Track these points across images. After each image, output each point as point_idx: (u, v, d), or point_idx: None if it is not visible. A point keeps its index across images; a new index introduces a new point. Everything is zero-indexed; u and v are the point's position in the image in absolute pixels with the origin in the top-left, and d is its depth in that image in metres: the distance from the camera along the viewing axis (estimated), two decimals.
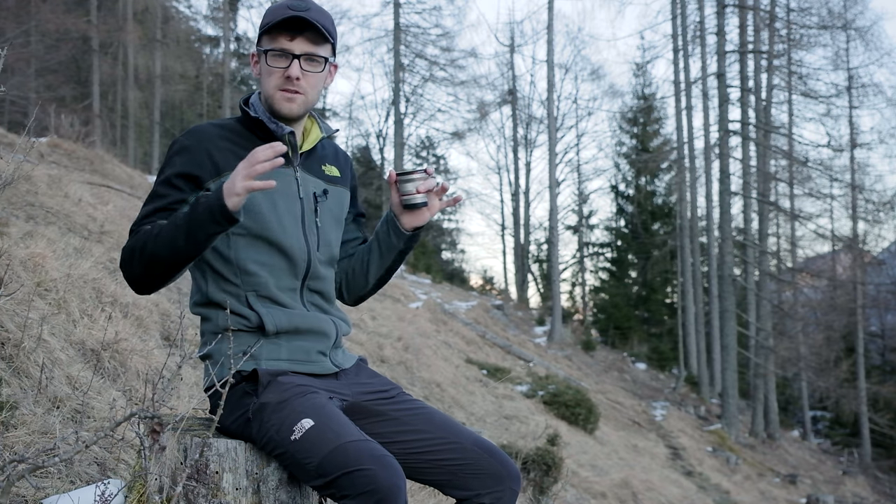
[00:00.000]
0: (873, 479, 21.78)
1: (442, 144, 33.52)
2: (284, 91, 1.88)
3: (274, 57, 1.87)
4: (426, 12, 26.00)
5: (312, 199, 1.97)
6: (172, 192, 1.84)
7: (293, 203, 1.93)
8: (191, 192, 1.85)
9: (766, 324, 20.94)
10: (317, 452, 1.66)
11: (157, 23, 24.15)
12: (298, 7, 1.85)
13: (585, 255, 33.48)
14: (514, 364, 13.20)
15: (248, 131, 1.94)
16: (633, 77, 31.90)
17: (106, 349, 3.25)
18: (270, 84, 1.88)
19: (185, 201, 1.85)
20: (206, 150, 1.87)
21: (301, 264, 1.92)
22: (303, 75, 1.87)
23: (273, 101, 1.90)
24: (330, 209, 2.01)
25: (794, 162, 22.20)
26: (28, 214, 5.50)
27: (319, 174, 2.02)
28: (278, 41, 1.86)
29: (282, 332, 1.87)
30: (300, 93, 1.88)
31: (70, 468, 2.21)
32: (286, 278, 1.91)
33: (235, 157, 1.85)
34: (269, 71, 1.88)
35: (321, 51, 1.89)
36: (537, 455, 5.32)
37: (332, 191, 2.03)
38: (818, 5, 22.95)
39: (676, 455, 13.31)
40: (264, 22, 1.88)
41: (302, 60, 1.87)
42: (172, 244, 1.72)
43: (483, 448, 1.87)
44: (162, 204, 1.84)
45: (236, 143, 1.91)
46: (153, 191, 1.87)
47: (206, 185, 1.85)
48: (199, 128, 1.93)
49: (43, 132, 11.51)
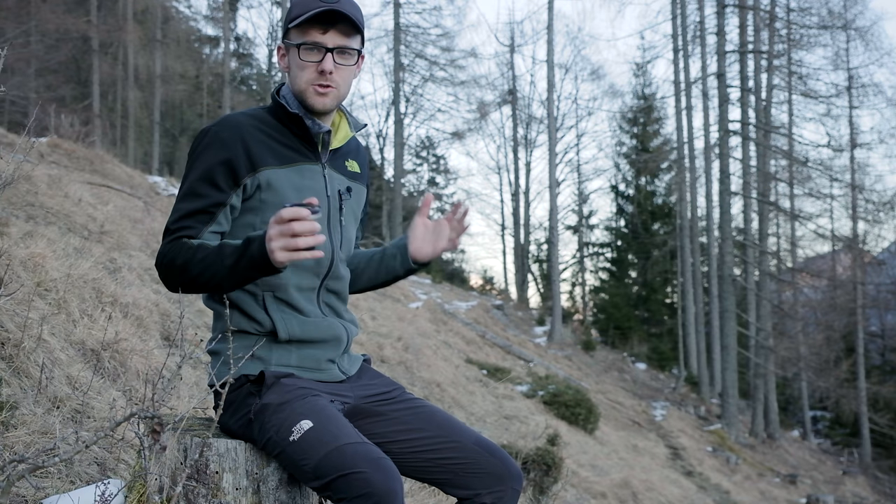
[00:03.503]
0: (873, 479, 21.78)
1: (442, 144, 33.57)
2: (318, 86, 1.84)
3: (306, 51, 1.82)
4: (426, 12, 26.01)
5: (338, 197, 1.95)
6: (211, 192, 1.79)
7: (321, 201, 1.90)
8: (229, 189, 1.80)
9: (766, 324, 20.94)
10: (314, 454, 1.66)
11: (157, 23, 24.17)
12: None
13: (585, 255, 33.49)
14: (514, 364, 13.20)
15: (282, 125, 1.90)
16: (633, 77, 31.95)
17: (106, 349, 3.25)
18: (303, 78, 1.84)
19: (224, 204, 1.80)
20: (242, 141, 1.81)
21: (325, 263, 1.90)
22: (335, 69, 1.83)
23: (305, 96, 1.85)
24: (351, 207, 2.00)
25: (794, 162, 22.19)
26: (28, 214, 5.49)
27: (343, 171, 1.99)
28: (310, 34, 1.81)
29: (294, 340, 1.85)
30: (333, 87, 1.85)
31: (70, 468, 2.21)
32: (308, 277, 1.88)
33: (270, 152, 1.83)
34: (302, 65, 1.83)
35: (353, 43, 1.85)
36: (537, 455, 5.32)
37: (354, 188, 2.00)
38: (818, 5, 22.98)
39: (676, 455, 13.30)
40: (294, 14, 1.82)
41: (335, 54, 1.83)
42: (216, 277, 1.70)
43: (484, 447, 1.87)
44: (201, 206, 1.78)
45: (271, 136, 1.86)
46: (190, 186, 1.80)
47: (243, 180, 1.81)
48: (232, 117, 1.87)
49: (43, 132, 11.51)
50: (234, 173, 1.80)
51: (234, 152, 1.80)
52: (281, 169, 1.85)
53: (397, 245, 2.06)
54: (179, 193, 1.83)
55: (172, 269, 1.75)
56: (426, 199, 1.95)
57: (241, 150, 1.80)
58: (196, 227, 1.78)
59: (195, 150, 1.84)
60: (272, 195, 1.83)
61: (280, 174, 1.84)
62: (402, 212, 26.14)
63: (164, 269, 1.77)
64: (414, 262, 2.04)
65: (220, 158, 1.79)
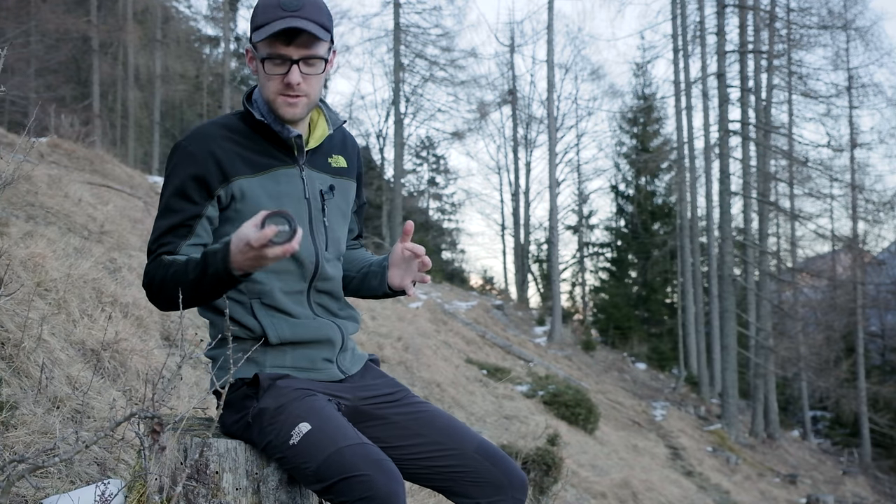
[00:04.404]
0: (873, 479, 21.78)
1: (442, 144, 33.56)
2: (286, 96, 1.82)
3: (272, 63, 1.80)
4: (426, 12, 26.01)
5: (319, 197, 1.92)
6: (186, 206, 1.79)
7: (300, 205, 1.88)
8: (204, 201, 1.80)
9: (766, 324, 20.94)
10: (315, 457, 1.65)
11: (157, 23, 24.17)
12: (291, 6, 1.76)
13: (585, 255, 33.49)
14: (514, 364, 13.20)
15: (253, 131, 1.88)
16: (633, 77, 31.93)
17: (106, 349, 3.25)
18: (271, 89, 1.83)
19: (200, 216, 1.80)
20: (211, 154, 1.80)
21: (309, 267, 1.88)
22: (303, 79, 1.82)
23: (275, 106, 1.84)
24: (337, 205, 1.97)
25: (794, 162, 22.19)
26: (28, 214, 5.49)
27: (325, 168, 1.96)
28: (274, 46, 1.78)
29: (285, 342, 1.85)
30: (301, 96, 1.83)
31: (70, 468, 2.21)
32: (294, 282, 1.87)
33: (241, 160, 1.82)
34: (268, 77, 1.82)
35: (319, 50, 1.82)
36: (537, 455, 5.32)
37: (338, 185, 1.97)
38: (818, 5, 22.98)
39: (676, 455, 13.30)
40: (256, 23, 1.80)
41: (301, 64, 1.80)
42: (187, 292, 1.70)
43: (485, 455, 1.84)
44: (177, 221, 1.79)
45: (241, 143, 1.85)
46: (165, 203, 1.81)
47: (216, 192, 1.81)
48: (200, 130, 1.86)
49: (43, 132, 11.50)
50: (207, 186, 1.80)
51: (203, 166, 1.79)
52: (255, 177, 1.83)
53: (381, 265, 2.02)
54: (157, 213, 1.84)
55: (152, 288, 1.76)
56: (407, 226, 1.90)
57: (211, 163, 1.80)
58: (174, 243, 1.78)
59: (168, 167, 1.85)
60: (246, 205, 1.82)
61: (254, 183, 1.83)
62: (402, 212, 26.14)
63: (148, 290, 1.78)
64: (390, 288, 2.01)
65: (191, 174, 1.79)
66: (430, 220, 34.57)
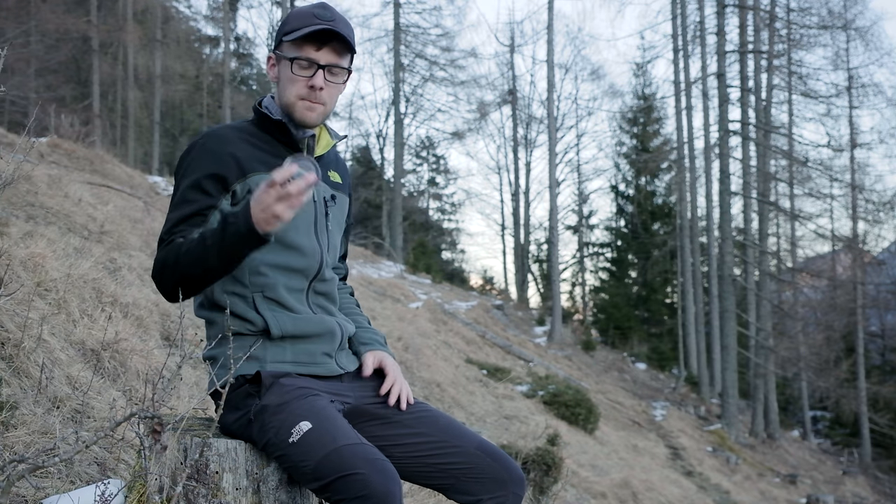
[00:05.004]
0: (873, 479, 21.78)
1: (442, 144, 33.58)
2: (306, 100, 1.87)
3: (299, 66, 1.86)
4: (426, 12, 26.05)
5: (324, 203, 1.98)
6: (201, 197, 1.82)
7: (308, 206, 1.93)
8: (219, 194, 1.83)
9: (766, 324, 20.94)
10: (313, 455, 1.66)
11: (157, 23, 24.18)
12: (325, 17, 1.85)
13: (585, 255, 33.50)
14: (514, 364, 13.19)
15: (266, 133, 1.93)
16: (633, 77, 31.96)
17: (106, 349, 3.25)
18: (292, 92, 1.88)
19: (215, 207, 1.83)
20: (229, 151, 1.85)
21: (314, 265, 1.92)
22: (325, 86, 1.87)
23: (293, 109, 1.89)
24: (336, 215, 2.03)
25: (794, 162, 22.19)
26: (28, 214, 5.50)
27: (326, 180, 2.02)
28: (304, 50, 1.85)
29: (287, 336, 1.87)
30: (321, 103, 1.89)
31: (70, 468, 2.21)
32: (297, 279, 1.91)
33: (258, 160, 1.87)
34: (293, 79, 1.87)
35: (344, 62, 1.90)
36: (537, 455, 5.32)
37: (337, 197, 2.04)
38: (818, 5, 22.98)
39: (676, 455, 13.30)
40: (289, 28, 1.87)
41: (326, 71, 1.87)
42: (204, 263, 1.71)
43: (486, 452, 1.87)
44: (191, 210, 1.81)
45: (256, 145, 1.90)
46: (180, 195, 1.84)
47: (233, 186, 1.84)
48: (217, 130, 1.91)
49: (43, 132, 11.51)
50: (224, 181, 1.83)
51: (222, 162, 1.84)
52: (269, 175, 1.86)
53: (364, 342, 2.07)
54: (171, 205, 1.86)
55: (165, 271, 1.76)
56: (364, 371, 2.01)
57: (229, 160, 1.84)
58: (187, 231, 1.80)
59: (183, 162, 1.88)
60: None
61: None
62: (402, 212, 26.14)
63: (158, 275, 1.78)
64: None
65: (210, 170, 1.83)
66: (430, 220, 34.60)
